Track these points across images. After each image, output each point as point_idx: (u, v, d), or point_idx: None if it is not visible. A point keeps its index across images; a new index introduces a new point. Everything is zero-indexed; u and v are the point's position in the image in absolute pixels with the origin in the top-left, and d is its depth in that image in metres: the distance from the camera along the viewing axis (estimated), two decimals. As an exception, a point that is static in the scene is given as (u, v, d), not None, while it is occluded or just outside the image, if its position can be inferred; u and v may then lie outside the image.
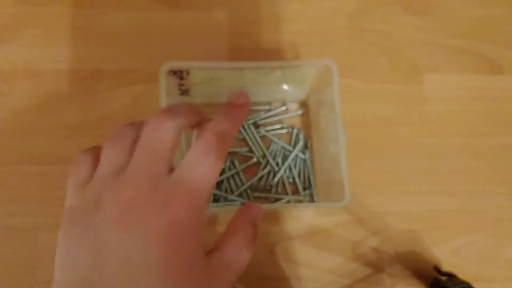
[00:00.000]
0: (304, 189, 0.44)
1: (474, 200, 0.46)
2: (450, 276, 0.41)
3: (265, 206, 0.41)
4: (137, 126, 0.23)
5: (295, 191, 0.44)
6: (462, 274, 0.41)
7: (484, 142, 0.47)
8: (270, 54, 0.48)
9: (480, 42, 0.50)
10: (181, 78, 0.38)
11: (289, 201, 0.44)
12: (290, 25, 0.49)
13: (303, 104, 0.47)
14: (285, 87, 0.43)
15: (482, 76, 0.49)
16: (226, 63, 0.38)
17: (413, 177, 0.46)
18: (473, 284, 0.39)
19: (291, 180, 0.45)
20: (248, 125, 0.45)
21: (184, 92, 0.41)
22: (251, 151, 0.45)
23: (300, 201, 0.44)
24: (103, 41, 0.47)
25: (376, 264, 0.43)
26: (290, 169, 0.44)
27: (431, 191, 0.45)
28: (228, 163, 0.44)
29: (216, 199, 0.43)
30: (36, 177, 0.43)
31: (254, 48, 0.48)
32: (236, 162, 0.44)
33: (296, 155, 0.45)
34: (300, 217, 0.44)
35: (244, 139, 0.45)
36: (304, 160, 0.45)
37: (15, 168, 0.44)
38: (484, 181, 0.46)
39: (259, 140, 0.45)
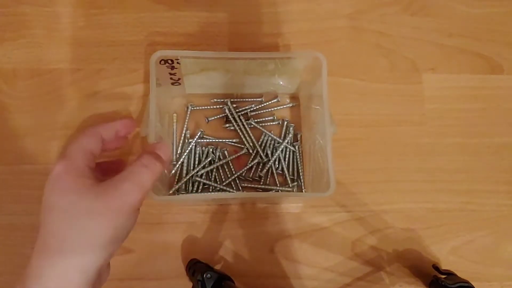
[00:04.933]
0: (293, 180, 0.45)
1: (473, 199, 0.46)
2: (449, 274, 0.41)
3: (255, 195, 0.42)
4: None
5: (284, 183, 0.45)
6: (461, 273, 0.41)
7: (483, 141, 0.47)
8: (270, 54, 0.48)
9: (478, 41, 0.50)
10: (172, 68, 0.39)
11: (277, 192, 0.44)
12: (289, 25, 0.49)
13: (294, 98, 0.47)
14: (276, 79, 0.43)
15: (480, 75, 0.49)
16: (216, 53, 0.37)
17: (412, 176, 0.46)
18: (472, 283, 0.39)
19: (280, 171, 0.45)
20: (239, 116, 0.45)
21: (176, 82, 0.42)
22: (241, 142, 0.45)
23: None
24: (103, 41, 0.47)
25: (375, 263, 0.44)
26: (280, 161, 0.45)
27: (430, 190, 0.46)
28: (218, 153, 0.44)
29: (205, 189, 0.44)
30: (36, 176, 0.43)
31: (254, 48, 0.48)
32: (226, 153, 0.45)
33: (286, 147, 0.45)
34: (299, 216, 0.44)
35: (234, 130, 0.46)
36: (294, 152, 0.45)
37: (15, 168, 0.44)
38: (483, 180, 0.46)
39: (249, 131, 0.45)
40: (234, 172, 0.44)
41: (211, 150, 0.44)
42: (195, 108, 0.46)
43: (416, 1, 0.51)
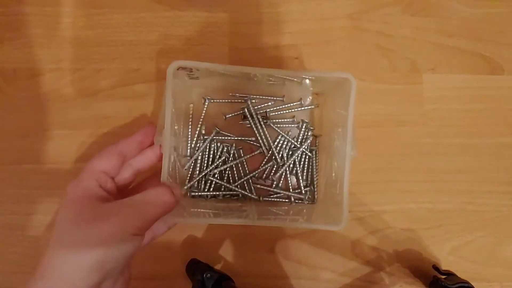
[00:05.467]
0: (306, 186, 0.44)
1: (473, 199, 0.46)
2: (449, 275, 0.41)
3: (267, 223, 0.39)
4: None
5: (297, 187, 0.44)
6: (461, 273, 0.41)
7: (483, 141, 0.47)
8: (271, 54, 0.48)
9: (479, 41, 0.50)
10: (190, 71, 0.38)
11: (289, 197, 0.44)
12: (290, 25, 0.49)
13: (319, 94, 0.46)
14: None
15: (481, 75, 0.49)
16: (236, 67, 0.36)
17: (412, 176, 0.46)
18: (472, 283, 0.39)
19: (293, 175, 0.44)
20: (257, 115, 0.44)
21: (193, 77, 0.41)
22: (256, 141, 0.44)
23: (301, 199, 0.44)
24: (103, 41, 0.47)
25: (375, 263, 0.44)
26: (295, 164, 0.44)
27: (430, 190, 0.46)
28: (232, 151, 0.44)
29: (216, 188, 0.43)
30: (36, 176, 0.43)
31: (255, 48, 0.48)
32: (241, 152, 0.44)
33: (302, 151, 0.44)
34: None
35: (251, 128, 0.44)
36: (310, 157, 0.45)
37: (15, 167, 0.44)
38: (483, 180, 0.46)
39: (266, 132, 0.44)
40: (248, 172, 0.44)
41: (225, 149, 0.44)
42: (212, 101, 0.45)
43: (417, 1, 0.51)
